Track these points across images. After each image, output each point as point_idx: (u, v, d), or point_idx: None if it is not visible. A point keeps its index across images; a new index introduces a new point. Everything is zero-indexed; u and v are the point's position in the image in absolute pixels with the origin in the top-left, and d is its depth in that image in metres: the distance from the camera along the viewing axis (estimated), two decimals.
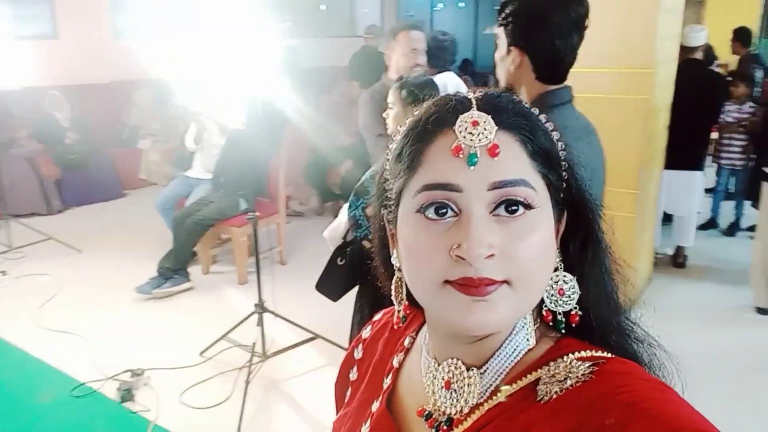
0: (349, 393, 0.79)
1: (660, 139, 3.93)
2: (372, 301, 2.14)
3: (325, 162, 5.64)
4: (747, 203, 4.92)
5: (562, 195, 0.59)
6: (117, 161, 6.41)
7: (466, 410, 0.60)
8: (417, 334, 0.73)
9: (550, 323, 0.61)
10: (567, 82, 1.47)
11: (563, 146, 0.60)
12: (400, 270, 0.63)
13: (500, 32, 1.44)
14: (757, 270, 3.67)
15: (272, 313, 3.13)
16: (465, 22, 12.52)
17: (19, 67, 5.63)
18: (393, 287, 0.67)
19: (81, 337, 3.34)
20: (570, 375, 0.55)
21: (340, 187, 5.50)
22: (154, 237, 4.78)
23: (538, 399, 0.55)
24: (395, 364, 0.72)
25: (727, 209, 5.13)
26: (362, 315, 2.20)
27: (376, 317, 0.83)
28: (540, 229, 0.55)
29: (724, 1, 7.99)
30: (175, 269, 4.01)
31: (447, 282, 0.54)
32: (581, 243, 0.61)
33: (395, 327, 0.77)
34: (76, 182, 5.93)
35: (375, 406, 0.70)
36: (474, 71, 10.66)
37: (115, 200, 6.29)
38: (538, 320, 0.62)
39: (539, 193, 0.55)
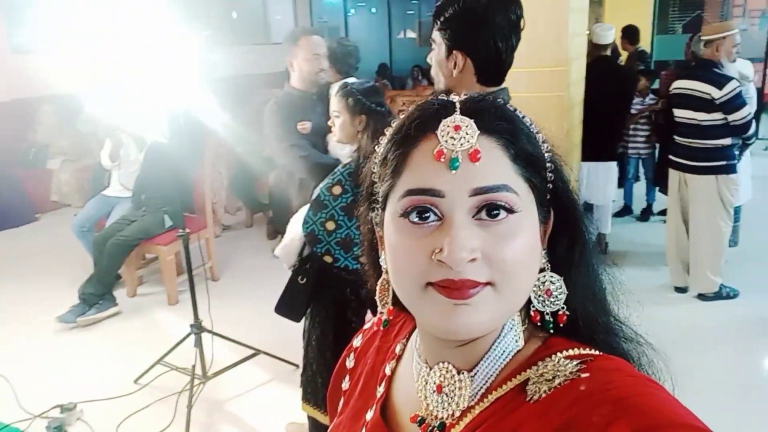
0: (341, 402, 0.78)
1: (576, 133, 4.11)
2: (332, 317, 2.10)
3: (252, 173, 5.54)
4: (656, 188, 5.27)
5: (548, 197, 0.60)
6: (26, 183, 6.01)
7: (457, 414, 0.60)
8: (408, 340, 0.72)
9: (538, 323, 0.61)
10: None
11: (548, 148, 0.60)
12: (387, 272, 0.63)
13: (437, 36, 1.45)
14: (671, 252, 3.92)
15: (210, 332, 3.03)
16: (379, 28, 12.65)
17: None
18: (378, 289, 0.67)
19: (1, 375, 3.10)
20: (558, 374, 0.56)
21: (269, 197, 5.42)
22: (72, 262, 4.52)
23: (528, 399, 0.56)
24: (387, 371, 0.72)
25: (639, 195, 5.44)
26: (323, 330, 2.14)
27: (367, 326, 0.82)
28: (523, 232, 0.55)
29: (620, 1, 8.47)
30: (99, 294, 3.81)
31: (429, 284, 0.54)
32: (568, 244, 0.62)
33: (375, 329, 0.77)
34: None
35: (369, 415, 0.70)
36: (391, 75, 10.79)
37: (27, 225, 5.90)
38: (526, 321, 0.62)
39: (522, 197, 0.56)
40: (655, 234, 4.67)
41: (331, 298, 2.12)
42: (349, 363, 0.80)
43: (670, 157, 3.85)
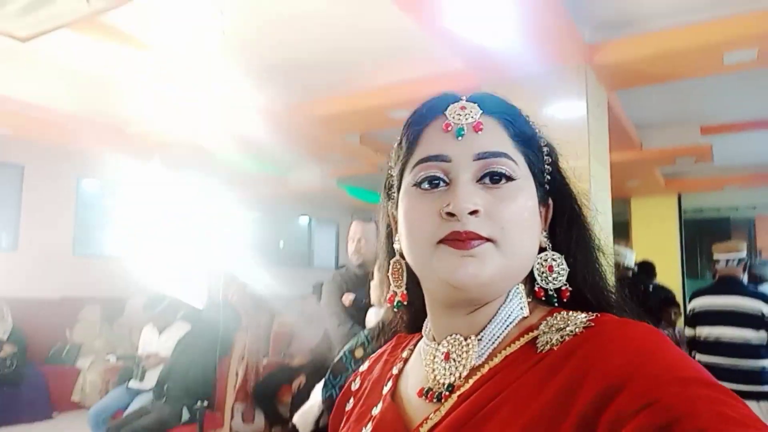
0: (343, 421, 0.75)
1: None
2: None
3: (276, 379, 5.43)
4: None
5: (546, 184, 0.66)
6: (51, 380, 5.96)
7: (465, 374, 0.60)
8: (416, 346, 0.73)
9: (543, 299, 0.64)
10: None
11: (546, 143, 0.68)
12: (401, 255, 0.67)
13: None
14: None
15: None
16: None
17: None
18: (391, 270, 0.69)
19: None
20: (569, 323, 0.57)
21: (290, 405, 5.21)
22: None
23: (539, 350, 0.57)
24: (395, 371, 0.71)
25: None
26: None
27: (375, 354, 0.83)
28: (521, 197, 0.61)
29: (647, 236, 8.80)
30: None
31: (440, 242, 0.59)
32: (567, 226, 0.67)
33: (382, 350, 0.78)
34: (3, 399, 5.42)
35: (376, 410, 0.68)
36: None
37: (42, 422, 5.70)
38: (531, 295, 0.64)
39: (520, 167, 0.62)
40: None
41: None
42: (355, 385, 0.79)
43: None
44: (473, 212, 0.58)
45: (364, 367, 0.80)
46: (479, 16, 3.18)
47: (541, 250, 0.65)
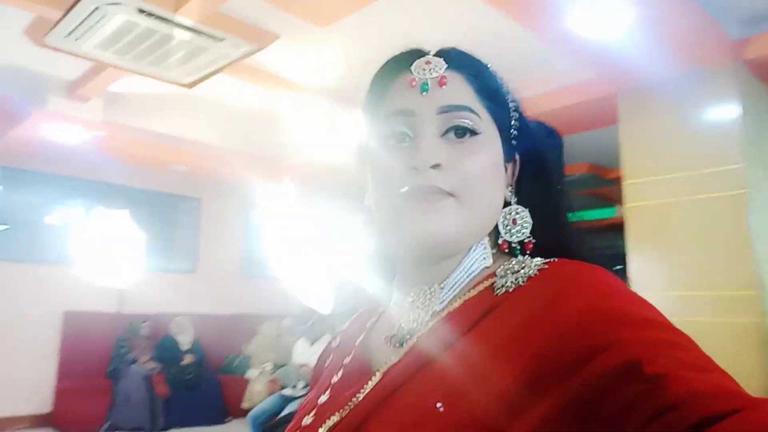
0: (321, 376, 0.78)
1: None
2: None
3: None
4: None
5: (513, 136, 0.67)
6: (225, 388, 6.62)
7: (427, 319, 0.62)
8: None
9: (507, 251, 0.65)
10: None
11: (513, 98, 0.68)
12: (372, 210, 0.69)
13: None
14: None
15: None
16: None
17: (158, 295, 6.39)
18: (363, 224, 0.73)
19: None
20: (524, 266, 0.59)
21: None
22: None
23: (495, 292, 0.58)
24: (368, 325, 0.74)
25: None
26: None
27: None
28: (484, 151, 0.63)
29: None
30: None
31: (404, 198, 0.61)
32: (532, 179, 0.68)
33: (364, 311, 0.80)
34: (183, 403, 6.12)
35: (347, 360, 0.70)
36: None
37: (216, 426, 6.33)
38: (496, 248, 0.66)
39: (484, 121, 0.64)
40: None
41: None
42: (334, 344, 0.80)
43: None
44: (435, 166, 0.59)
45: (344, 327, 0.82)
46: (606, 20, 3.04)
47: (507, 204, 0.66)
